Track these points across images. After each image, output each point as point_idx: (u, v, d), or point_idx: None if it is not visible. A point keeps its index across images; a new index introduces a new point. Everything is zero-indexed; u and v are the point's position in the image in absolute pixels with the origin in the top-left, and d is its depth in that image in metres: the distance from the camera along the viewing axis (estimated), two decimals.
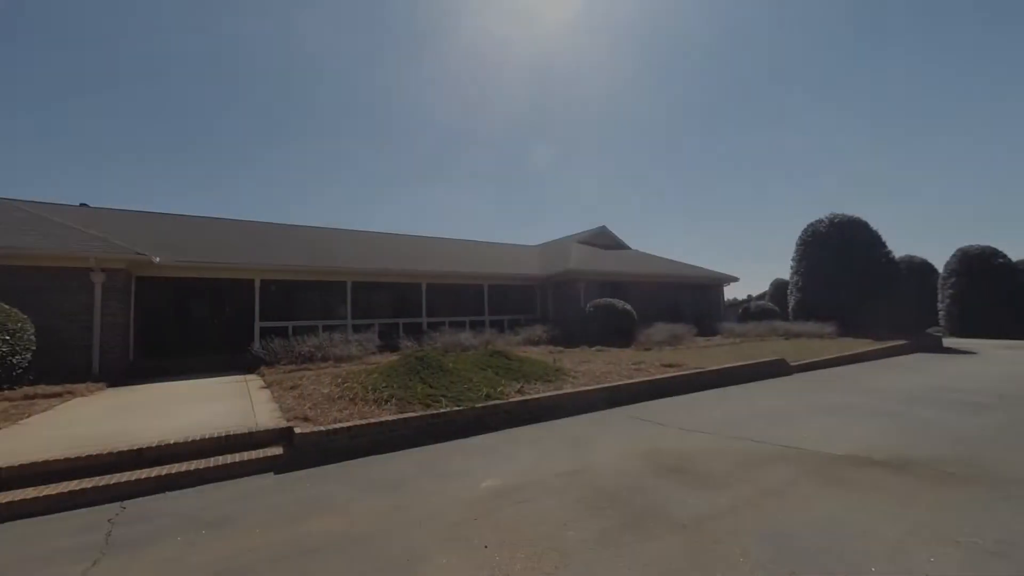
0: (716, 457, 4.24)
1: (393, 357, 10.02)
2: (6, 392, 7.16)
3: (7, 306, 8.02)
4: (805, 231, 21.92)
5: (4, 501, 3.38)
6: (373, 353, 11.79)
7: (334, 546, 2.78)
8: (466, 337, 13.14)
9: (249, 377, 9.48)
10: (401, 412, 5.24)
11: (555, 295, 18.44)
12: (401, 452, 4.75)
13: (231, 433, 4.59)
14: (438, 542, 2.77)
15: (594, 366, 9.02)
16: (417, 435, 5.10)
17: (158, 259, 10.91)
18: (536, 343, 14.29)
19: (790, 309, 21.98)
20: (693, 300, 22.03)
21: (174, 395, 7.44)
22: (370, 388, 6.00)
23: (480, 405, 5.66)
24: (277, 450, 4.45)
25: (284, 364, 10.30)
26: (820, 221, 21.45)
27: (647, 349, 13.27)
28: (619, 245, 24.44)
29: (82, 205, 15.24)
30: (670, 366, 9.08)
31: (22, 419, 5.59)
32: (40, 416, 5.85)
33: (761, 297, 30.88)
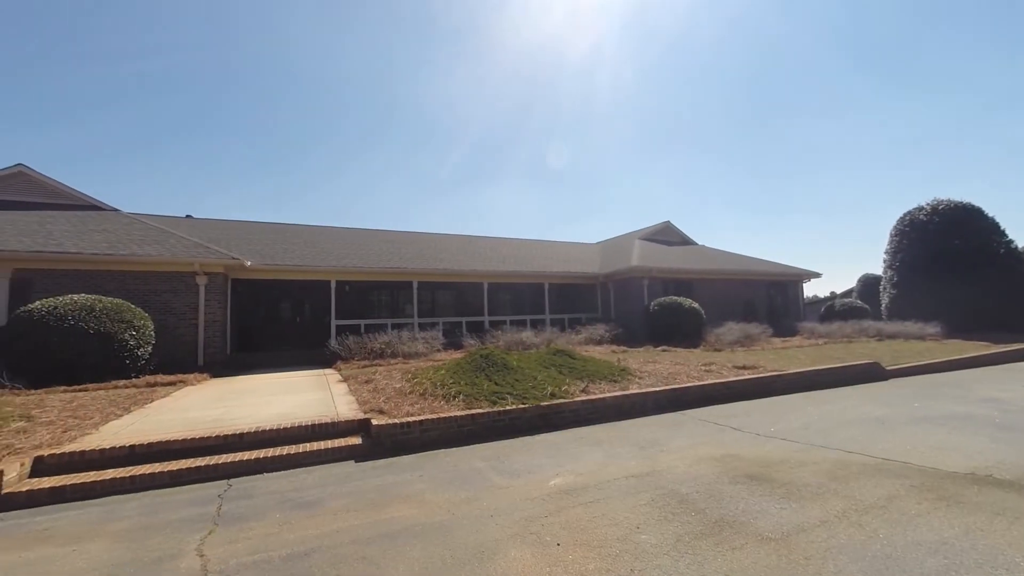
0: (801, 467, 3.94)
1: (457, 355, 10.33)
2: (133, 380, 8.26)
3: (133, 306, 9.24)
4: (901, 220, 19.70)
5: (138, 474, 3.92)
6: (438, 351, 12.22)
7: (412, 533, 2.93)
8: (527, 336, 13.21)
9: (327, 371, 10.20)
10: (468, 408, 5.40)
11: (617, 293, 18.03)
12: (469, 447, 4.89)
13: (316, 422, 4.98)
14: (510, 536, 2.82)
15: (660, 367, 8.72)
16: (484, 431, 5.23)
17: (249, 263, 12.05)
18: (598, 342, 14.07)
19: (883, 307, 19.86)
20: (768, 298, 20.60)
21: (264, 386, 8.19)
22: (438, 384, 6.23)
23: (545, 403, 5.68)
24: (356, 440, 4.76)
25: (358, 360, 10.96)
26: (920, 208, 19.17)
27: (717, 350, 12.60)
28: (684, 241, 23.40)
29: (187, 216, 17.18)
30: (744, 368, 8.55)
31: (147, 403, 6.43)
32: (160, 401, 6.69)
33: (847, 294, 28.12)
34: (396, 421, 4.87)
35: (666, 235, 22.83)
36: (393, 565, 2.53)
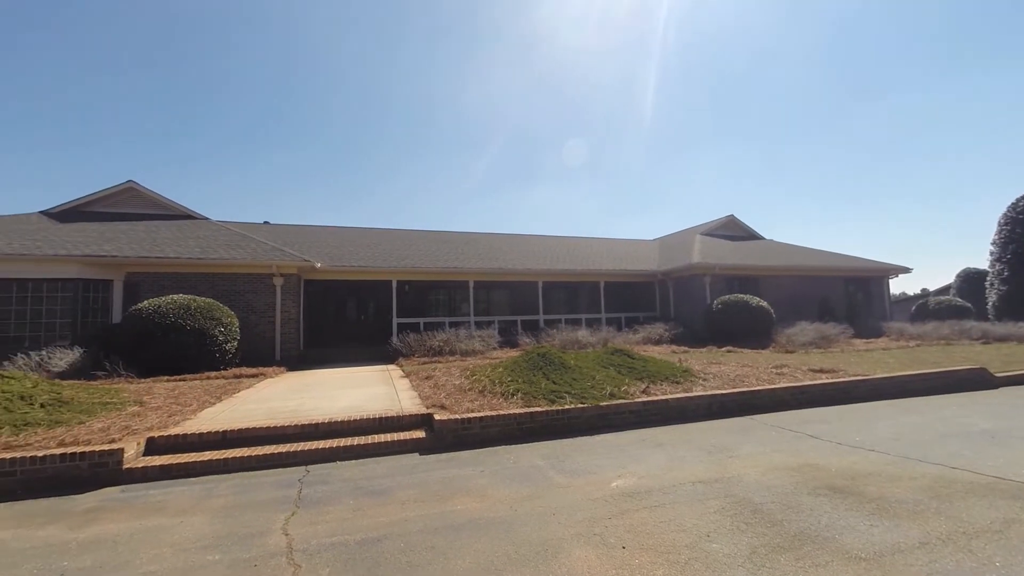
0: (895, 481, 3.58)
1: (513, 353, 10.42)
2: (222, 372, 9.13)
3: (221, 305, 10.19)
4: (1014, 207, 17.34)
5: (230, 457, 4.32)
6: (494, 349, 12.40)
7: (476, 526, 3.00)
8: (583, 335, 13.07)
9: (390, 367, 10.67)
10: (527, 406, 5.43)
11: (676, 291, 17.36)
12: (527, 444, 4.92)
13: (382, 416, 5.24)
14: (573, 536, 2.81)
15: (726, 368, 8.28)
16: (542, 429, 5.24)
17: (319, 264, 12.87)
18: (657, 342, 13.63)
19: (989, 306, 17.59)
20: (847, 296, 18.94)
21: (334, 380, 8.72)
22: (496, 382, 6.32)
23: (604, 403, 5.59)
24: (420, 433, 4.95)
25: (418, 356, 11.38)
26: None
27: (789, 352, 11.77)
28: (750, 235, 22.04)
29: (265, 223, 18.67)
30: (820, 371, 7.92)
31: (235, 393, 7.07)
32: (245, 392, 7.33)
33: (943, 291, 25.15)
34: (457, 417, 5.00)
35: (730, 229, 21.63)
36: (459, 556, 2.60)
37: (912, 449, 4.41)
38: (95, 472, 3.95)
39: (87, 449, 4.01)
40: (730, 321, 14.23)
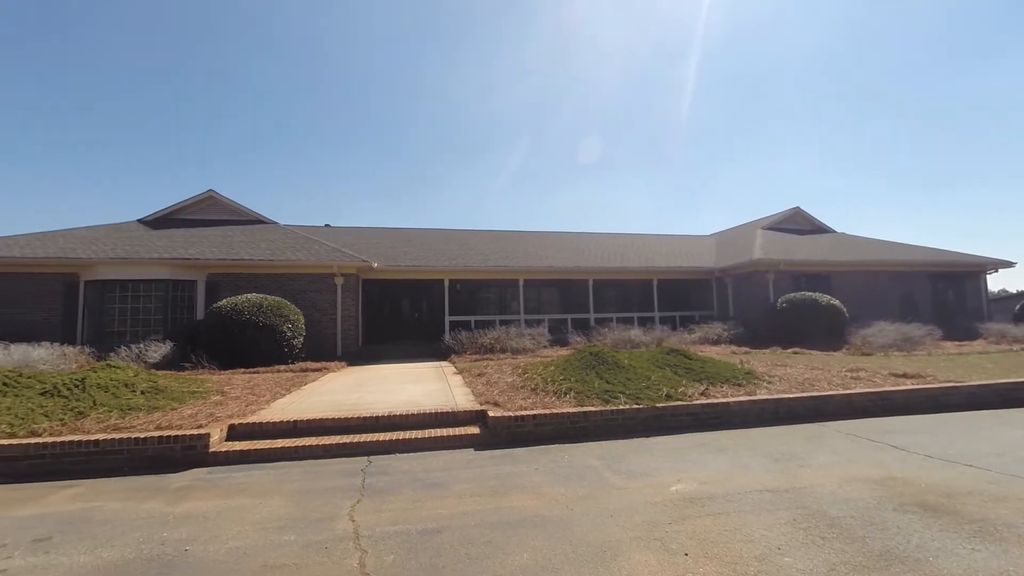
0: (999, 502, 3.20)
1: (564, 351, 10.36)
2: (290, 365, 9.78)
3: (289, 303, 10.91)
4: None
5: (300, 445, 4.62)
6: (544, 347, 12.38)
7: (533, 523, 3.01)
8: (636, 334, 12.75)
9: (443, 363, 10.95)
10: (580, 406, 5.38)
11: (736, 289, 16.50)
12: (581, 444, 4.87)
13: (438, 411, 5.39)
14: (632, 539, 2.75)
15: (793, 371, 7.77)
16: (596, 429, 5.16)
17: (376, 264, 13.44)
18: (715, 342, 13.03)
19: None
20: (934, 293, 17.18)
21: (391, 375, 9.08)
22: (549, 380, 6.31)
23: (660, 405, 5.42)
24: (475, 429, 5.04)
25: (469, 353, 11.59)
26: None
27: (865, 354, 10.85)
28: (818, 229, 20.52)
29: (326, 225, 19.76)
30: (904, 376, 7.23)
31: (302, 386, 7.55)
32: (311, 385, 7.80)
33: None
34: (511, 414, 5.05)
35: (795, 223, 20.22)
36: (517, 552, 2.62)
37: (1021, 466, 3.92)
38: (186, 454, 4.37)
39: (179, 433, 4.44)
40: (797, 321, 13.31)
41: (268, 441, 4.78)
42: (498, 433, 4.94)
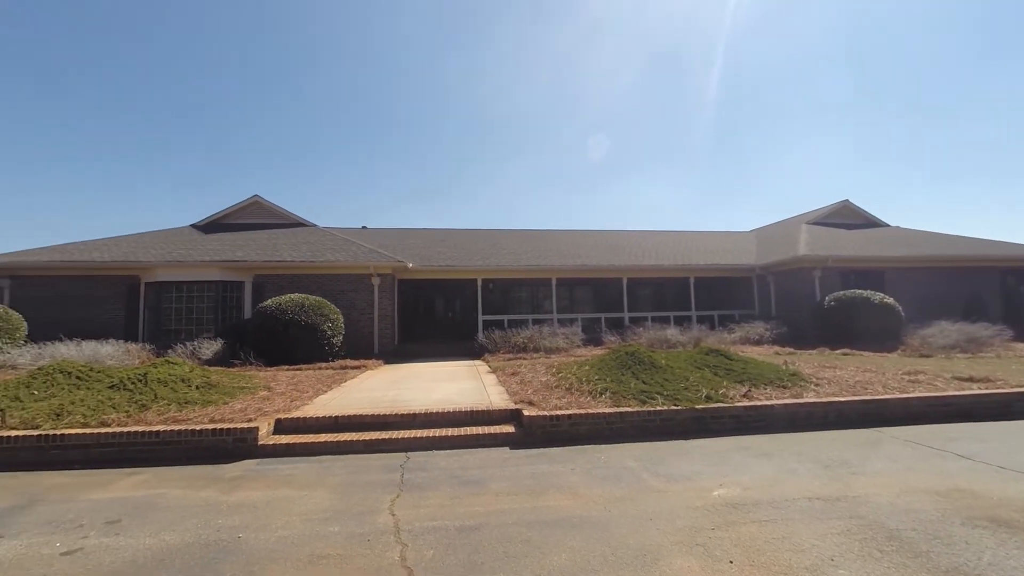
0: None
1: (598, 351, 10.24)
2: (330, 363, 10.13)
3: (328, 302, 11.29)
4: None
5: (342, 440, 4.78)
6: (578, 346, 12.28)
7: (570, 523, 2.99)
8: (672, 333, 12.46)
9: (476, 362, 11.05)
10: (616, 406, 5.30)
11: (779, 287, 15.82)
12: (617, 445, 4.80)
13: (473, 409, 5.44)
14: (673, 543, 2.68)
15: (843, 373, 7.37)
16: (633, 430, 5.08)
17: (411, 264, 13.72)
18: (756, 342, 12.55)
19: None
20: (1004, 291, 15.90)
21: (426, 373, 9.24)
22: (584, 380, 6.25)
23: (700, 406, 5.26)
24: (509, 428, 5.06)
25: (503, 352, 11.65)
26: None
27: (924, 356, 10.17)
28: (869, 223, 19.38)
29: (363, 227, 20.34)
30: (970, 380, 6.72)
31: (342, 383, 7.81)
32: (350, 382, 8.06)
33: None
34: (546, 413, 5.03)
35: (844, 217, 19.17)
36: (555, 552, 2.62)
37: None
38: (237, 446, 4.60)
39: (231, 426, 4.69)
40: (846, 320, 12.61)
41: (312, 435, 4.97)
42: (533, 432, 4.94)
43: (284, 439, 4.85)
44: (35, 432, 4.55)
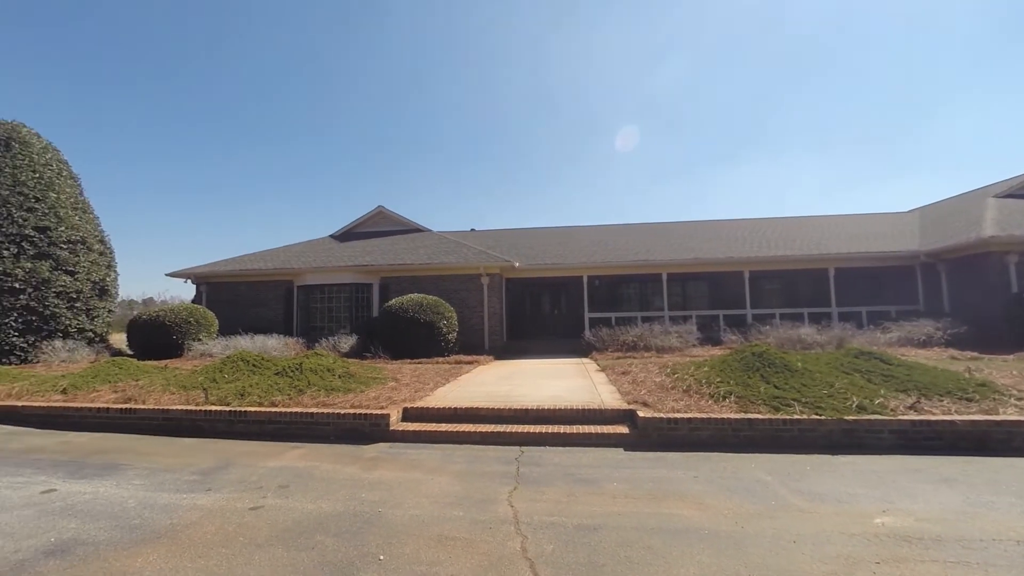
0: None
1: (716, 351, 9.44)
2: (446, 358, 10.83)
3: (443, 301, 12.10)
4: None
5: (461, 430, 5.08)
6: (693, 345, 11.47)
7: (697, 535, 2.79)
8: (806, 332, 10.98)
9: (584, 360, 10.93)
10: (744, 412, 4.82)
11: (953, 277, 13.02)
12: (745, 455, 4.36)
13: (585, 407, 5.39)
14: (826, 573, 2.35)
15: None
16: (764, 439, 4.57)
17: (517, 264, 14.06)
18: (923, 344, 10.50)
19: None
20: None
21: (534, 370, 9.40)
22: (703, 382, 5.81)
23: (850, 418, 4.54)
24: (623, 429, 4.91)
25: (611, 351, 11.35)
26: None
27: None
28: None
29: (472, 230, 21.41)
30: None
31: (458, 377, 8.31)
32: (465, 376, 8.53)
33: None
34: (663, 416, 4.77)
35: None
36: (682, 564, 2.46)
37: None
38: (373, 429, 5.16)
39: (368, 412, 5.28)
40: None
41: (434, 424, 5.37)
42: (648, 434, 4.72)
43: (411, 426, 5.31)
44: (227, 408, 5.63)
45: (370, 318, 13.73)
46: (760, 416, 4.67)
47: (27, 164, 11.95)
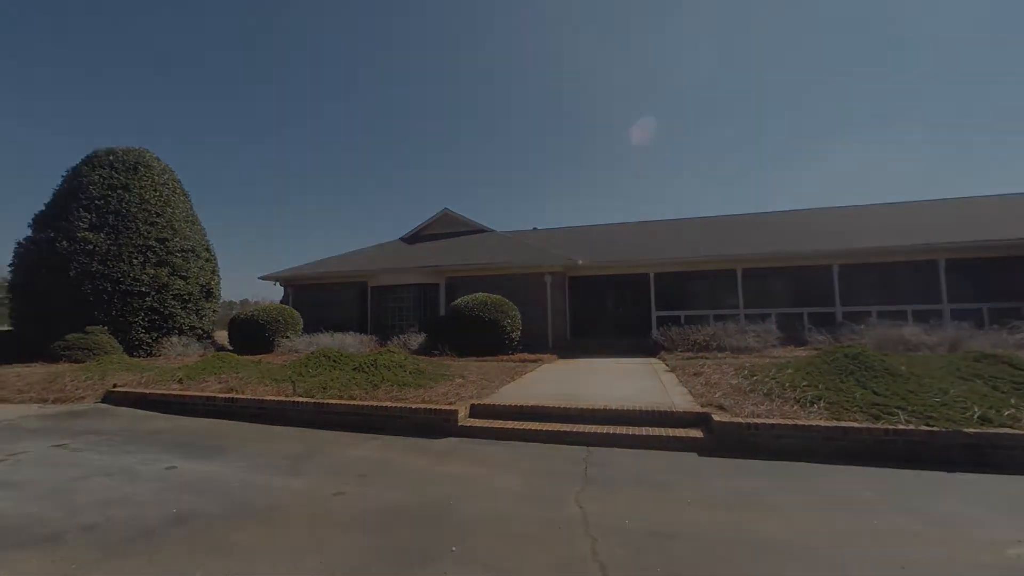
0: None
1: (800, 351, 8.69)
2: (510, 356, 10.95)
3: (507, 300, 12.23)
4: None
5: (528, 428, 5.10)
6: (773, 346, 10.64)
7: (788, 554, 2.56)
8: (911, 332, 9.76)
9: (652, 360, 10.53)
10: (836, 419, 4.38)
11: None
12: (839, 467, 3.95)
13: (655, 409, 5.18)
14: None
15: None
16: (861, 451, 4.11)
17: (581, 261, 13.88)
18: None
19: None
20: None
21: (600, 369, 9.21)
22: (787, 385, 5.35)
23: (971, 430, 3.95)
24: (697, 432, 4.65)
25: (680, 351, 10.84)
26: None
27: None
28: None
29: (534, 228, 21.46)
30: None
31: (522, 375, 8.36)
32: (529, 374, 8.56)
33: None
34: (742, 421, 4.46)
35: None
36: None
37: None
38: (443, 424, 5.34)
39: (438, 407, 5.46)
40: None
41: (500, 421, 5.43)
42: (725, 440, 4.43)
43: (479, 422, 5.42)
44: (312, 400, 6.10)
45: (437, 317, 14.22)
46: (857, 425, 4.21)
47: (150, 184, 13.77)
